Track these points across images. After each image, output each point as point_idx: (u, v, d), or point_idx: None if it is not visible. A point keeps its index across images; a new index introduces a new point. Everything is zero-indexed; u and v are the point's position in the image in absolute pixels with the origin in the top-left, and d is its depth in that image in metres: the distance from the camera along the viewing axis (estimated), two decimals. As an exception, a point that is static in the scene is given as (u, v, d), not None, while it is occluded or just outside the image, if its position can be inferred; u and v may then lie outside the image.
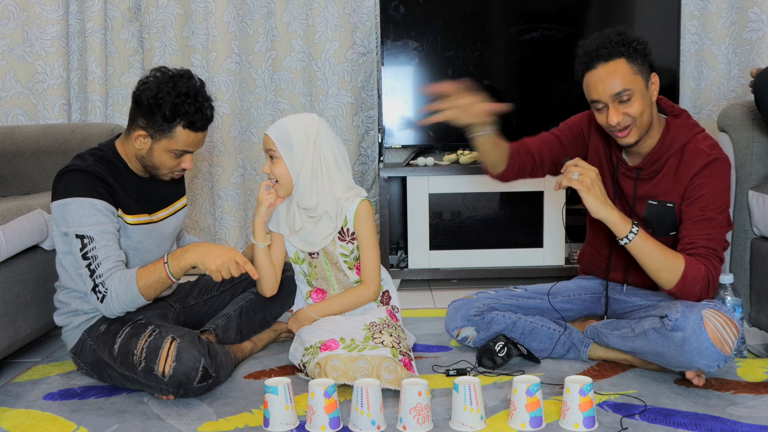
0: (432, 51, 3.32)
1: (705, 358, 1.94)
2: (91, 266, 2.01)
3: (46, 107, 3.36)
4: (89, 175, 2.06)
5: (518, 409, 1.81)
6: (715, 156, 2.09)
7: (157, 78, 2.06)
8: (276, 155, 2.19)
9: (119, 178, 2.12)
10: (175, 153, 2.10)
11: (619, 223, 2.04)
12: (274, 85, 3.49)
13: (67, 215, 2.03)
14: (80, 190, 2.03)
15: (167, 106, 2.03)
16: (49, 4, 3.33)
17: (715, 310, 1.96)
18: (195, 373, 1.97)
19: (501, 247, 3.30)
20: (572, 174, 2.04)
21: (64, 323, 2.17)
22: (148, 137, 2.08)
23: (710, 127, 3.34)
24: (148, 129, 2.07)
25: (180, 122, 2.05)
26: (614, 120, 2.06)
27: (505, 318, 2.29)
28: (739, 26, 3.31)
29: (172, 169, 2.15)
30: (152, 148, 2.10)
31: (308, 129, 2.19)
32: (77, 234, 2.01)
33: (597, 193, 2.04)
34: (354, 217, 2.22)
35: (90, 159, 2.11)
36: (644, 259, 2.05)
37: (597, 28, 3.34)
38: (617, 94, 2.04)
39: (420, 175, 3.26)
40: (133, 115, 2.11)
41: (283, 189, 2.21)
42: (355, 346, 2.07)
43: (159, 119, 2.04)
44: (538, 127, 3.35)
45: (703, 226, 2.06)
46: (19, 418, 1.96)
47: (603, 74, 2.05)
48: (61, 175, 2.09)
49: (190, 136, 2.08)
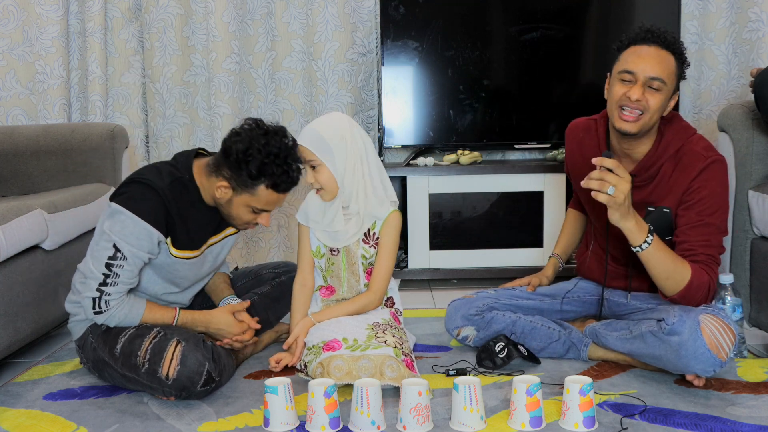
0: (432, 51, 3.32)
1: (701, 363, 1.94)
2: (108, 280, 2.01)
3: (46, 107, 3.35)
4: (158, 198, 2.02)
5: (518, 409, 1.81)
6: (713, 158, 2.07)
7: (251, 131, 2.02)
8: (317, 164, 2.17)
9: (186, 207, 2.09)
10: (254, 209, 2.08)
11: (636, 231, 1.99)
12: (274, 85, 3.49)
13: (115, 222, 2.01)
14: (142, 209, 2.01)
15: (255, 164, 1.99)
16: (49, 4, 3.33)
17: (713, 315, 1.95)
18: (199, 377, 1.97)
19: (501, 247, 3.30)
20: (608, 189, 1.92)
21: (73, 311, 2.17)
22: (230, 189, 2.06)
23: (710, 127, 3.35)
24: (231, 181, 2.04)
25: (265, 182, 2.02)
26: (635, 95, 2.03)
27: (504, 317, 2.29)
28: (739, 26, 3.31)
29: (247, 222, 2.13)
30: (232, 200, 2.07)
31: (341, 130, 2.18)
32: (115, 244, 2.00)
33: (625, 207, 1.95)
34: (383, 223, 2.23)
35: (167, 180, 2.06)
36: (654, 268, 2.02)
37: (597, 28, 3.35)
38: (653, 78, 2.03)
39: (420, 175, 3.26)
40: (218, 162, 2.06)
41: (328, 194, 2.21)
42: (358, 345, 2.07)
43: (244, 175, 2.01)
44: (537, 127, 3.38)
45: (701, 232, 2.05)
46: (19, 418, 1.96)
47: (653, 53, 2.04)
48: (132, 181, 2.06)
49: (272, 196, 2.06)
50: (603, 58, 3.38)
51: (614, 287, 2.31)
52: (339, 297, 2.28)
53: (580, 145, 2.31)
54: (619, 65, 2.10)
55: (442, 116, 3.36)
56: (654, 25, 2.09)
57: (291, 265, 2.54)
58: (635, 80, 2.05)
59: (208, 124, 3.48)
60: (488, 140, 3.39)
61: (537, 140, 3.39)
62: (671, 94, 2.08)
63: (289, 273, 2.48)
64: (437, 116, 3.36)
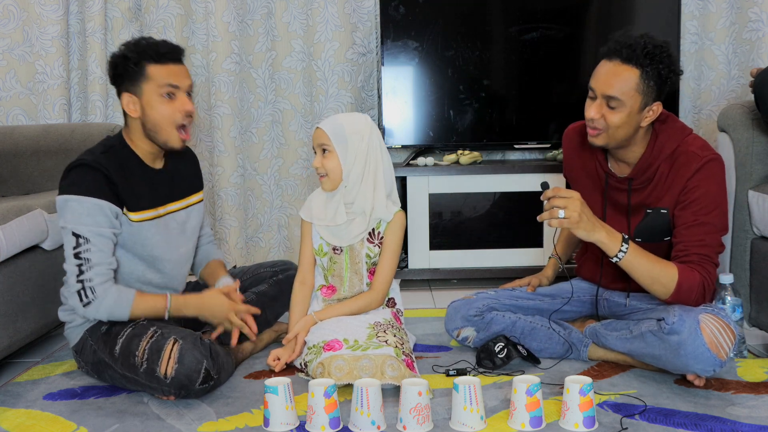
0: (432, 51, 3.32)
1: (700, 363, 1.93)
2: (82, 267, 2.01)
3: (46, 107, 3.36)
4: (95, 171, 2.05)
5: (518, 409, 1.81)
6: (709, 157, 2.06)
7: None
8: (330, 149, 2.20)
9: (127, 170, 2.12)
10: (164, 95, 2.09)
11: (608, 242, 1.99)
12: (274, 85, 3.50)
13: (66, 212, 2.03)
14: (84, 188, 2.03)
15: (129, 53, 2.07)
16: (49, 4, 3.33)
17: (713, 315, 1.95)
18: (197, 375, 1.97)
19: (501, 247, 3.30)
20: (558, 213, 1.95)
21: (68, 319, 2.17)
22: (132, 96, 2.09)
23: (710, 127, 3.35)
24: (128, 88, 2.09)
25: (147, 59, 2.07)
26: (590, 114, 2.06)
27: (504, 318, 2.29)
28: (739, 26, 3.31)
29: (173, 119, 2.11)
30: (143, 106, 2.10)
31: (363, 128, 2.22)
32: (73, 232, 2.02)
33: (585, 222, 1.97)
34: (389, 223, 2.25)
35: (97, 151, 2.11)
36: (637, 274, 2.02)
37: (597, 28, 3.35)
38: (608, 96, 2.02)
39: (420, 175, 3.26)
40: (117, 92, 2.14)
41: (330, 183, 2.23)
42: (359, 346, 2.07)
43: (129, 70, 2.07)
44: (537, 127, 3.38)
45: (696, 232, 2.04)
46: (19, 418, 1.96)
47: (611, 71, 2.02)
48: (68, 170, 2.08)
49: (164, 69, 2.09)
50: (603, 58, 3.38)
51: (613, 289, 2.31)
52: (340, 296, 2.29)
53: (578, 149, 2.31)
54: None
55: (442, 116, 3.36)
56: (628, 35, 2.04)
57: (289, 264, 2.54)
58: (595, 96, 2.05)
59: (208, 124, 3.49)
60: (488, 140, 3.39)
61: (537, 140, 3.39)
62: (638, 108, 2.02)
63: (287, 272, 2.48)
64: (437, 116, 3.36)
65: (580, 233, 1.99)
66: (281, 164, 3.54)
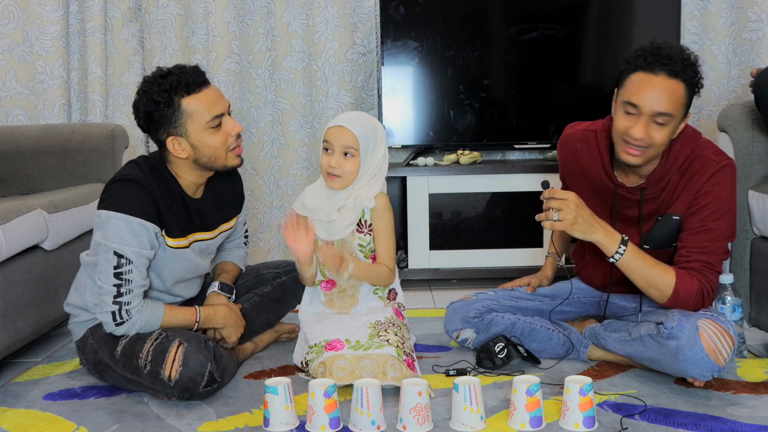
0: (432, 51, 3.32)
1: (698, 368, 1.93)
2: (121, 289, 1.99)
3: (47, 107, 3.35)
4: (142, 188, 2.00)
5: (518, 409, 1.81)
6: (724, 163, 2.03)
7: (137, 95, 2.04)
8: (354, 153, 2.13)
9: (170, 197, 2.07)
10: (209, 127, 2.03)
11: (606, 242, 1.99)
12: (274, 85, 3.49)
13: (108, 229, 1.98)
14: (129, 206, 1.98)
15: (158, 95, 1.98)
16: (49, 4, 3.33)
17: (712, 321, 1.94)
18: (201, 378, 1.97)
19: (501, 247, 3.30)
20: (552, 216, 1.94)
21: (73, 313, 2.17)
22: (177, 137, 2.03)
23: (710, 127, 3.35)
24: (170, 130, 2.02)
25: (179, 95, 1.99)
26: (639, 134, 1.93)
27: (504, 319, 2.28)
28: (739, 26, 3.31)
29: (225, 145, 2.06)
30: (191, 143, 2.03)
31: (383, 135, 2.20)
32: (116, 251, 1.98)
33: (581, 224, 1.96)
34: (372, 210, 2.19)
35: (146, 168, 2.05)
36: (633, 276, 2.02)
37: (597, 28, 3.35)
38: (659, 113, 1.92)
39: (420, 175, 3.26)
40: (154, 137, 2.06)
41: (342, 184, 2.16)
42: (360, 346, 2.07)
43: (165, 113, 1.99)
44: (537, 127, 3.38)
45: (702, 238, 2.02)
46: (19, 418, 1.96)
47: (661, 86, 1.91)
48: (112, 182, 2.04)
49: (200, 99, 2.01)
50: (603, 58, 3.38)
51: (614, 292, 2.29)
52: (340, 288, 2.28)
53: (577, 156, 2.23)
54: (625, 92, 1.97)
55: (442, 116, 3.36)
56: (663, 45, 1.95)
57: (292, 265, 2.53)
58: (639, 114, 1.94)
59: (208, 124, 3.48)
60: (488, 140, 3.39)
61: (537, 140, 3.39)
62: (680, 121, 1.98)
63: (291, 273, 2.47)
64: (437, 116, 3.36)
65: (576, 234, 1.99)
66: (281, 164, 3.54)
